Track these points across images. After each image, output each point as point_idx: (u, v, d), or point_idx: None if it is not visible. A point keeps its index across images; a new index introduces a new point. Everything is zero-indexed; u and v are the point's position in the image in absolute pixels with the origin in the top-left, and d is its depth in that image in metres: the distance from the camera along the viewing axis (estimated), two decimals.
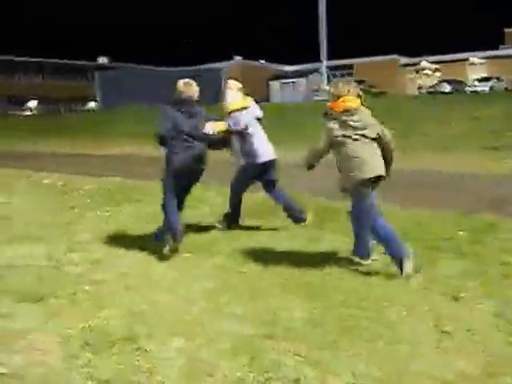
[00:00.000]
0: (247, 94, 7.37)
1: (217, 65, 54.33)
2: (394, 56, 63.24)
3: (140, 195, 10.00)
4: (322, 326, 4.49)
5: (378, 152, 5.71)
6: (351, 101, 5.70)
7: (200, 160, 6.42)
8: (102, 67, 60.10)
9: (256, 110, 7.28)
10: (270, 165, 7.26)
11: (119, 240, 7.07)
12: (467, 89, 45.58)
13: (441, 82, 50.14)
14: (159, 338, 4.32)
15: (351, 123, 5.63)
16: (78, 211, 8.91)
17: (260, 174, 7.26)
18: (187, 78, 6.70)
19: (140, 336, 4.34)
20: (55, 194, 10.86)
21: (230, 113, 7.12)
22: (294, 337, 4.32)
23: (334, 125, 5.67)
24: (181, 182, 6.46)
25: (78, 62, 70.43)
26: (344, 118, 5.65)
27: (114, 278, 5.62)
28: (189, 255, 6.35)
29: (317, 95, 47.37)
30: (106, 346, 4.20)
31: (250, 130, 7.09)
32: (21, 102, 58.23)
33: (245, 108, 7.16)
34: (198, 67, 53.64)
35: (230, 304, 4.97)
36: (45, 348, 4.24)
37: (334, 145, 5.69)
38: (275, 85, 58.20)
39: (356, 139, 5.61)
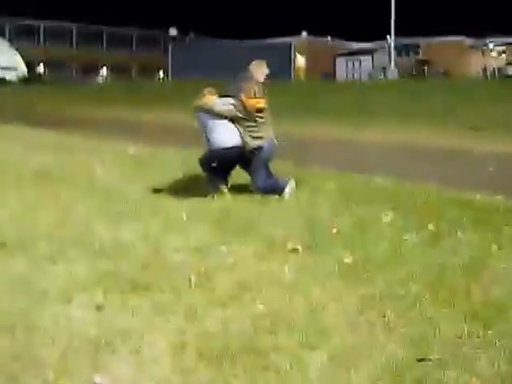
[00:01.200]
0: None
1: (286, 39, 53.01)
2: (461, 37, 60.94)
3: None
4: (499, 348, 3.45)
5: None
6: (262, 102, 7.19)
7: None
8: (173, 38, 59.40)
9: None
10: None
11: (228, 222, 6.03)
12: None
13: (507, 64, 47.77)
14: (292, 352, 3.42)
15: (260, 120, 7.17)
16: (168, 186, 7.93)
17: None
18: (257, 51, 6.80)
19: (266, 348, 3.46)
20: (140, 166, 9.98)
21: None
22: (460, 362, 3.35)
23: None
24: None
25: (150, 32, 69.87)
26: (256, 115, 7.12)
27: (223, 270, 4.67)
28: (305, 250, 5.14)
29: (382, 73, 45.95)
30: (226, 359, 3.34)
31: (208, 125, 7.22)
32: (94, 71, 58.23)
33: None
34: (267, 41, 52.47)
35: (368, 311, 3.97)
36: (154, 356, 3.42)
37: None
38: (341, 61, 56.61)
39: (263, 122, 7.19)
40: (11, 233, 5.70)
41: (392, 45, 43.55)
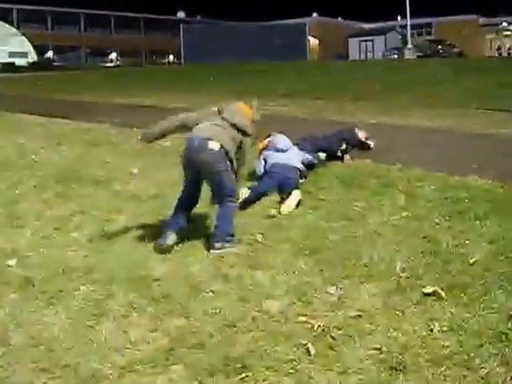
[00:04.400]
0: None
1: (297, 21, 51.21)
2: (474, 16, 59.20)
3: None
4: None
5: None
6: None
7: None
8: (182, 21, 57.51)
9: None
10: None
11: (320, 249, 4.39)
12: None
13: None
14: None
15: None
16: None
17: None
18: (272, 32, 5.74)
19: None
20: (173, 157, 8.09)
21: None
22: None
23: None
24: None
25: (158, 16, 67.80)
26: None
27: (347, 329, 3.18)
28: (447, 295, 3.55)
29: (395, 53, 44.23)
30: None
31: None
32: (102, 54, 57.01)
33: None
34: (278, 22, 50.71)
35: None
36: None
37: None
38: (354, 42, 54.88)
39: None
40: (34, 268, 4.27)
41: (408, 24, 41.76)
